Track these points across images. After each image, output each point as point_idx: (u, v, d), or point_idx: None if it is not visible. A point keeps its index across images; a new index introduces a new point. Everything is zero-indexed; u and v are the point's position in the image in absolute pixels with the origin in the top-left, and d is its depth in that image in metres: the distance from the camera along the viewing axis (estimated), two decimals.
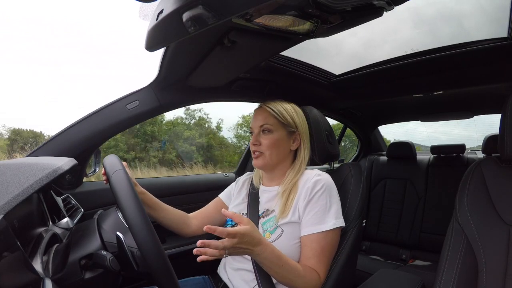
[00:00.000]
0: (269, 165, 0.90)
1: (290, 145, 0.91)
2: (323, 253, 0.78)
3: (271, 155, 0.88)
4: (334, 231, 0.79)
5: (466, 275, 0.74)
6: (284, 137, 0.89)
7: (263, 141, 0.88)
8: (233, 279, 0.86)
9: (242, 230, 0.62)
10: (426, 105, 1.99)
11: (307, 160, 0.92)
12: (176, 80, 1.07)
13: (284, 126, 0.89)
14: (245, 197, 0.96)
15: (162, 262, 0.56)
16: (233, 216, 0.65)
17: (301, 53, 1.21)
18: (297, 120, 0.91)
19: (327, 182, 0.84)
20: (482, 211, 0.78)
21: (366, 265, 1.85)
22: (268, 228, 0.83)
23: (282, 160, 0.91)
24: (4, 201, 0.48)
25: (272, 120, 0.88)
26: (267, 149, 0.88)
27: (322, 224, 0.79)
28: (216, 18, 0.55)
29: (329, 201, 0.81)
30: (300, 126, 0.91)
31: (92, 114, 1.04)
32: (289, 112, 0.90)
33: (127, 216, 0.56)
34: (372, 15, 0.67)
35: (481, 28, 1.09)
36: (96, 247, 0.62)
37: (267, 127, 0.88)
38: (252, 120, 0.93)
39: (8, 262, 0.46)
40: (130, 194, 0.58)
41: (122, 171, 0.63)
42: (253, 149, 0.90)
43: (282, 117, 0.88)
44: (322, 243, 0.78)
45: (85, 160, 1.10)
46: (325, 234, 0.78)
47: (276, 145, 0.88)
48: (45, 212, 0.82)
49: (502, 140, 0.78)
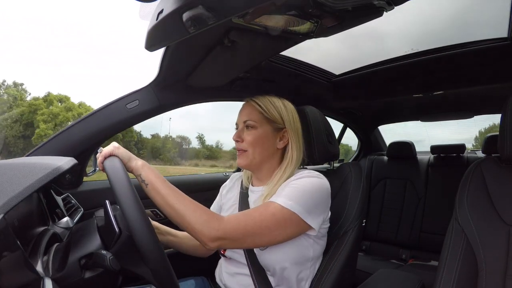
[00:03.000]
0: (253, 164, 0.84)
1: (277, 143, 0.84)
2: (250, 213, 0.71)
3: (254, 153, 0.83)
4: (282, 210, 0.69)
5: (466, 275, 0.74)
6: (269, 134, 0.83)
7: (246, 138, 0.83)
8: (229, 284, 0.84)
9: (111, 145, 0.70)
10: (426, 105, 1.99)
11: (296, 161, 0.84)
12: (176, 80, 1.07)
13: (269, 122, 0.83)
14: (236, 199, 0.92)
15: (162, 261, 0.56)
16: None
17: (301, 53, 1.21)
18: (286, 116, 0.84)
19: (312, 176, 0.78)
20: (482, 211, 0.78)
21: (366, 265, 1.85)
22: None
23: (267, 159, 0.85)
24: (4, 200, 0.48)
25: (257, 115, 0.83)
26: (250, 146, 0.82)
27: (278, 197, 0.72)
28: (216, 18, 0.55)
29: (302, 184, 0.74)
30: (289, 123, 0.84)
31: (92, 114, 1.04)
32: (276, 107, 0.84)
33: (127, 216, 0.56)
34: (372, 15, 0.67)
35: (481, 28, 1.09)
36: (96, 247, 0.62)
37: (251, 122, 0.83)
38: (238, 116, 0.88)
39: (8, 262, 0.46)
40: (130, 194, 0.58)
41: (122, 171, 0.63)
42: (236, 146, 0.85)
43: (267, 112, 0.83)
44: (258, 209, 0.71)
45: (85, 160, 1.10)
46: (268, 204, 0.71)
47: (260, 142, 0.82)
48: (45, 211, 0.82)
49: (502, 140, 0.78)
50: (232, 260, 0.84)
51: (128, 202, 0.57)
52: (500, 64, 1.18)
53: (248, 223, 0.69)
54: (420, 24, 1.17)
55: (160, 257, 0.56)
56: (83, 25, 22.13)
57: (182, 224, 0.67)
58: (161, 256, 0.57)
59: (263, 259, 0.77)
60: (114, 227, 0.62)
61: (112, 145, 0.70)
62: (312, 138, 0.96)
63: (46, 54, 17.11)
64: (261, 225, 0.69)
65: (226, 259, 0.87)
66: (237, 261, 0.83)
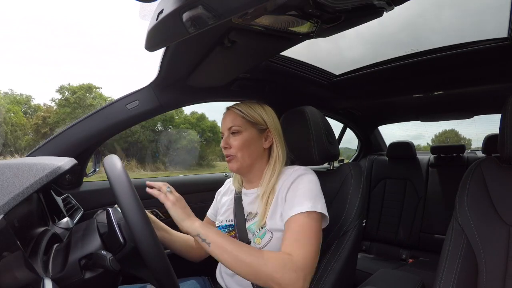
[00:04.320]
0: (244, 167, 0.86)
1: (263, 143, 0.88)
2: (298, 235, 0.70)
3: (243, 156, 0.85)
4: (311, 215, 0.72)
5: (466, 275, 0.74)
6: (254, 136, 0.86)
7: (233, 143, 0.85)
8: (229, 284, 0.85)
9: (178, 195, 0.78)
10: (426, 105, 1.99)
11: (282, 157, 0.88)
12: (176, 80, 1.07)
13: (253, 125, 0.86)
14: (231, 203, 0.93)
15: (162, 261, 0.56)
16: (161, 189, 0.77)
17: (301, 53, 1.21)
18: (266, 117, 0.88)
19: (307, 173, 0.82)
20: (482, 211, 0.78)
21: (366, 265, 1.85)
22: (255, 232, 0.81)
23: (256, 159, 0.88)
24: (4, 200, 0.48)
25: (240, 120, 0.86)
26: (238, 151, 0.84)
27: (297, 206, 0.73)
28: (216, 18, 0.55)
29: (307, 186, 0.78)
30: (270, 123, 0.88)
31: (92, 114, 1.04)
32: (256, 110, 0.87)
33: (127, 216, 0.56)
34: (372, 15, 0.67)
35: (481, 28, 1.09)
36: (96, 247, 0.62)
37: (235, 128, 0.85)
38: (221, 124, 0.90)
39: (8, 262, 0.46)
40: (130, 194, 0.58)
41: (122, 170, 0.63)
42: (225, 153, 0.87)
43: (249, 116, 0.86)
44: (297, 226, 0.71)
45: (85, 160, 1.10)
46: (299, 216, 0.72)
47: (247, 145, 0.85)
48: (45, 212, 0.82)
49: (502, 140, 0.78)
50: None
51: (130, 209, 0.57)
52: (500, 64, 1.18)
53: (307, 242, 0.69)
54: (420, 24, 1.17)
55: (163, 263, 0.56)
56: (83, 25, 22.16)
57: (259, 277, 0.64)
58: (164, 262, 0.57)
59: None
60: (119, 236, 0.62)
61: (173, 198, 0.75)
62: (312, 138, 0.96)
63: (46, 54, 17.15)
64: (312, 238, 0.70)
65: None
66: None
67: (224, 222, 0.91)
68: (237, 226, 0.85)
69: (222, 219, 0.92)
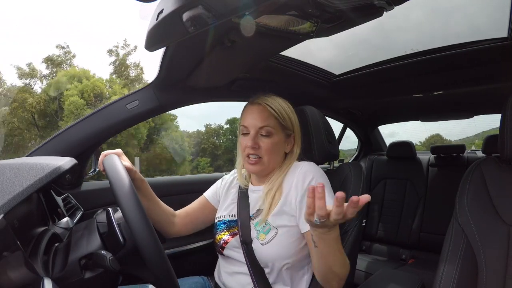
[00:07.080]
0: (265, 170, 0.84)
1: (285, 148, 0.85)
2: None
3: (270, 161, 0.81)
4: None
5: (466, 275, 0.74)
6: (282, 141, 0.83)
7: (262, 145, 0.79)
8: (228, 283, 0.84)
9: None
10: (426, 105, 1.99)
11: (296, 159, 0.87)
12: (176, 80, 1.07)
13: (283, 129, 0.83)
14: (235, 197, 0.91)
15: (162, 261, 0.56)
16: None
17: (301, 53, 1.21)
18: (294, 121, 0.85)
19: (314, 170, 0.80)
20: (482, 211, 0.78)
21: (366, 265, 1.85)
22: (260, 229, 0.79)
23: (277, 164, 0.84)
24: (4, 200, 0.48)
25: (274, 122, 0.80)
26: (265, 154, 0.80)
27: None
28: (216, 18, 0.55)
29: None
30: (296, 128, 0.86)
31: (92, 114, 1.04)
32: (288, 113, 0.84)
33: (127, 217, 0.56)
34: (372, 15, 0.67)
35: (481, 28, 1.09)
36: (96, 247, 0.62)
37: (268, 130, 0.79)
38: (247, 118, 0.82)
39: (8, 262, 0.46)
40: (130, 194, 0.58)
41: (122, 170, 0.63)
42: (251, 153, 0.81)
43: (282, 118, 0.81)
44: None
45: (85, 160, 1.10)
46: None
47: (275, 150, 0.81)
48: (45, 211, 0.82)
49: (502, 140, 0.78)
50: (231, 259, 0.84)
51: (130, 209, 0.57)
52: (500, 64, 1.18)
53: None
54: (420, 24, 1.17)
55: (163, 264, 0.56)
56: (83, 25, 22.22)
57: (339, 268, 0.67)
58: (164, 262, 0.57)
59: (264, 254, 0.77)
60: (119, 236, 0.62)
61: None
62: (312, 138, 0.96)
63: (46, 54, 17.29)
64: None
65: (225, 257, 0.87)
66: (235, 260, 0.83)
67: (226, 217, 0.89)
68: (241, 223, 0.84)
69: (224, 214, 0.90)
